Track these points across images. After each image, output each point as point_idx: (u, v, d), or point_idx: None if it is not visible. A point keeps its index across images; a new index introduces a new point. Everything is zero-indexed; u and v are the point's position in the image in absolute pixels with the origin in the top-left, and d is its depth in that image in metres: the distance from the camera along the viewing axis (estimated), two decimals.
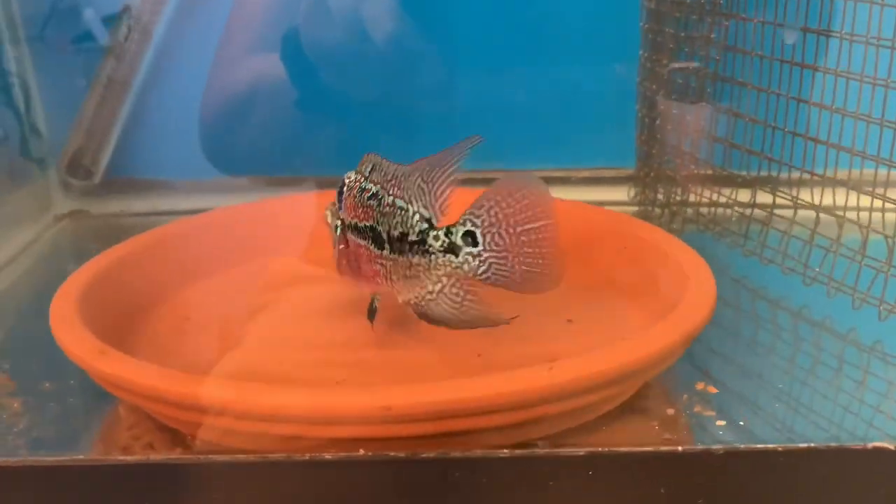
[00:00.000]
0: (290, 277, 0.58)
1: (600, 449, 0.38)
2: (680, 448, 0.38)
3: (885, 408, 0.44)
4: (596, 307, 0.53)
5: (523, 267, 0.44)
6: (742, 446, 0.38)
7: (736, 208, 0.61)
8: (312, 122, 0.72)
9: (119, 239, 0.55)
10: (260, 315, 0.52)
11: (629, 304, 0.52)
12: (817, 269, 0.53)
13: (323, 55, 0.68)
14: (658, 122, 0.68)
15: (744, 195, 0.60)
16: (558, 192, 0.69)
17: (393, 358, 0.48)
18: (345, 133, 0.72)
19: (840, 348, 0.50)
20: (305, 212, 0.61)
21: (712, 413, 0.43)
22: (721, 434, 0.41)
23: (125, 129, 0.75)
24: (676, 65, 0.64)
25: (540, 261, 0.44)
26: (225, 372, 0.45)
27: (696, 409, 0.43)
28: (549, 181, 0.74)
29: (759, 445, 0.38)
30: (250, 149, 0.73)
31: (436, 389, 0.38)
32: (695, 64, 0.62)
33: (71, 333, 0.42)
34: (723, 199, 0.62)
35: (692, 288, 0.46)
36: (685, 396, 0.44)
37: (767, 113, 0.56)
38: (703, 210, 0.64)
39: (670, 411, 0.43)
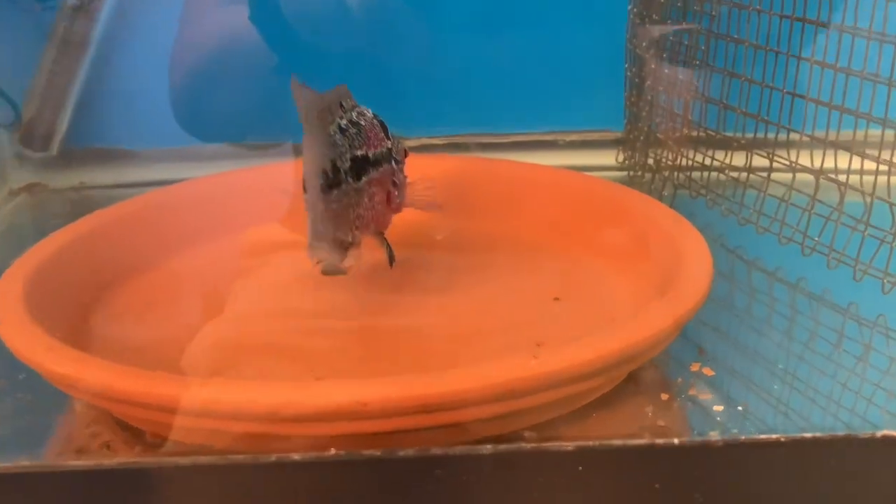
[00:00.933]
0: (271, 245, 0.55)
1: (590, 443, 0.35)
2: (676, 440, 0.36)
3: (886, 384, 0.42)
4: (584, 284, 0.51)
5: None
6: (742, 437, 0.36)
7: (730, 173, 0.58)
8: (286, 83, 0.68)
9: (80, 214, 0.53)
10: (241, 284, 0.51)
11: (619, 279, 0.50)
12: (817, 239, 0.51)
13: (300, 11, 0.64)
14: (648, 82, 0.65)
15: (739, 159, 0.58)
16: (545, 158, 0.67)
17: (376, 326, 0.47)
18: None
19: (840, 323, 0.48)
20: (284, 182, 0.58)
21: (708, 396, 0.41)
22: (717, 416, 0.39)
23: (84, 93, 0.71)
24: (666, 26, 0.61)
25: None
26: (206, 344, 0.43)
27: (691, 392, 0.41)
28: (536, 145, 0.74)
29: (760, 436, 0.36)
30: (220, 113, 0.70)
31: (413, 383, 0.35)
32: (677, 24, 0.60)
33: (15, 327, 0.39)
34: (716, 164, 0.60)
35: (687, 265, 0.43)
36: (679, 379, 0.42)
37: (765, 72, 0.54)
38: (696, 175, 0.61)
39: (664, 396, 0.41)
